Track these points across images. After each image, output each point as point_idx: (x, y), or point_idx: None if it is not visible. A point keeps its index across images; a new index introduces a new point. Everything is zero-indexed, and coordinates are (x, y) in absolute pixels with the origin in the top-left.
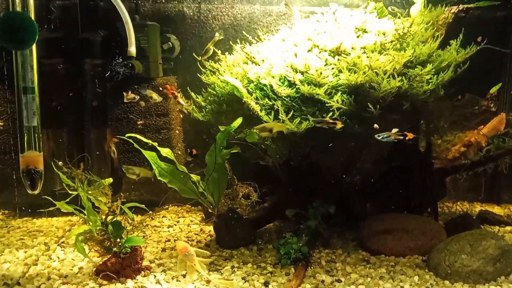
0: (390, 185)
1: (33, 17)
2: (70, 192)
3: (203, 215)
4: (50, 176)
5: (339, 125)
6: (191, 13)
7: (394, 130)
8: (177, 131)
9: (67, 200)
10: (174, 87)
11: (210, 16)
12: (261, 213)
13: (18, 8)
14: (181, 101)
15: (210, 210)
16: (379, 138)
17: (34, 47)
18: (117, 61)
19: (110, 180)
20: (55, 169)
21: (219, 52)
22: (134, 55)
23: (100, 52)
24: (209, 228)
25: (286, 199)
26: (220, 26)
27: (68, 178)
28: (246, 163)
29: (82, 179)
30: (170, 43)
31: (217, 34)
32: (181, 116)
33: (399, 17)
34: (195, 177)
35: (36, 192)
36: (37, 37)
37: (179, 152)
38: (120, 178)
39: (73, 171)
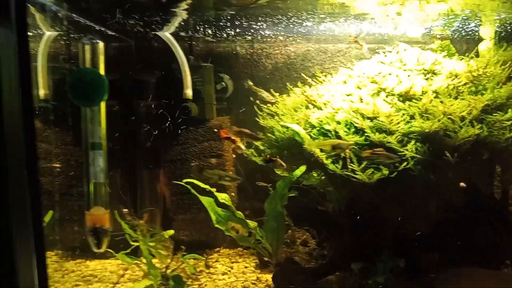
0: (462, 236)
1: (103, 73)
2: (131, 243)
3: (257, 261)
4: None
5: None
6: (244, 52)
7: None
8: (230, 172)
9: (128, 251)
10: (228, 131)
11: (263, 55)
12: (321, 263)
13: (88, 63)
14: (241, 145)
15: (265, 258)
16: None
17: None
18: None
19: (172, 232)
20: (118, 219)
21: (277, 95)
22: (191, 97)
23: (154, 93)
24: (266, 277)
25: (348, 249)
26: (273, 65)
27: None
28: (300, 205)
29: (144, 231)
30: (223, 83)
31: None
32: (234, 156)
33: (468, 56)
34: (251, 224)
35: (102, 250)
36: (107, 94)
37: (233, 194)
38: (171, 218)
39: (136, 222)
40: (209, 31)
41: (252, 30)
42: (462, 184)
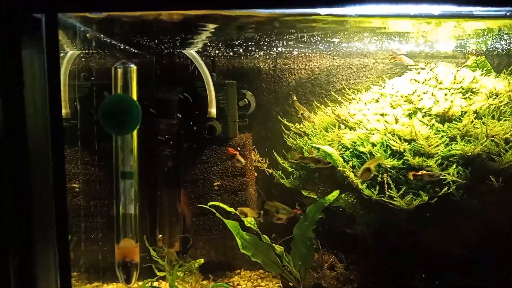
0: (499, 259)
1: (135, 98)
2: (158, 273)
3: (281, 284)
4: None
5: None
6: (267, 68)
7: None
8: (253, 192)
9: (153, 280)
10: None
11: (286, 70)
12: None
13: (120, 88)
14: (241, 159)
15: (291, 284)
16: None
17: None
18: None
19: (201, 261)
20: (147, 245)
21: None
22: (215, 116)
23: (176, 112)
24: None
25: (378, 274)
26: (296, 81)
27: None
28: (328, 227)
29: (173, 261)
30: (246, 99)
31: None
32: (255, 174)
33: (506, 72)
34: (278, 248)
35: (131, 285)
36: (140, 122)
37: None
38: (189, 239)
39: (166, 250)
40: (233, 48)
41: (275, 46)
42: None
